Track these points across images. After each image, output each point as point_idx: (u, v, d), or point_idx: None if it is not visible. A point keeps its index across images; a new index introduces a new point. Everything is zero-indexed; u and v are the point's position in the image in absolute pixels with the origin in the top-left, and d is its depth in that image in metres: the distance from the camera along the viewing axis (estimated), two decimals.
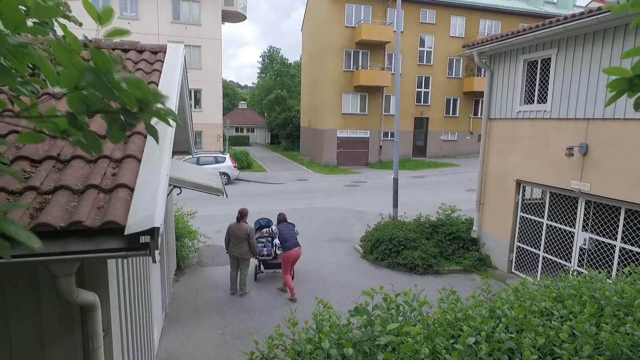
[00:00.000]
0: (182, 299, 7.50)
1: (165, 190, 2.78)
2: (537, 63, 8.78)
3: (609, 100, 1.74)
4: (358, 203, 16.10)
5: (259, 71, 60.67)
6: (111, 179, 2.79)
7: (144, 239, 2.46)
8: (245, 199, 17.08)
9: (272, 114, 44.63)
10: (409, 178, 22.21)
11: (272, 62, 56.44)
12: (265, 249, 8.36)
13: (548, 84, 8.42)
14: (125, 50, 5.03)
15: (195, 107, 27.40)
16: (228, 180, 20.88)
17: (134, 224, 2.41)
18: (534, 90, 8.89)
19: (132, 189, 2.71)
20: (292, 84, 50.39)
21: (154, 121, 1.40)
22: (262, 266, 8.50)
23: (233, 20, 30.47)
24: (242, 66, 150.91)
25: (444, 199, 16.04)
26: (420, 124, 30.39)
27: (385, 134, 28.91)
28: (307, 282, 8.48)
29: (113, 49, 4.99)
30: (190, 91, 26.95)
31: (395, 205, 11.38)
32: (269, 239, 8.43)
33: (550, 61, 8.38)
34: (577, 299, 3.86)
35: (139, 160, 3.02)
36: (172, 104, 3.86)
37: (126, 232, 2.37)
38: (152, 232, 2.42)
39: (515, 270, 9.52)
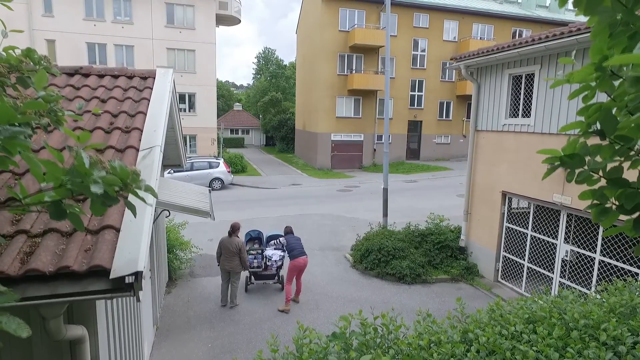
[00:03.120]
0: (173, 311, 7.64)
1: (149, 230, 2.94)
2: (521, 78, 8.99)
3: (545, 174, 1.94)
4: (350, 209, 16.28)
5: (254, 72, 60.71)
6: (98, 219, 2.94)
7: (129, 279, 2.62)
8: (239, 204, 17.22)
9: (267, 116, 44.75)
10: (402, 182, 22.43)
11: (267, 63, 56.48)
12: (255, 260, 8.53)
13: (532, 98, 8.63)
14: (115, 77, 5.17)
15: (189, 111, 27.48)
16: (222, 185, 21.01)
17: (118, 268, 2.57)
18: (519, 104, 9.10)
19: (118, 230, 2.87)
20: (287, 86, 50.49)
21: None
22: (252, 278, 8.66)
23: (227, 23, 30.55)
24: (239, 66, 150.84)
25: (435, 205, 16.28)
26: (414, 127, 30.64)
27: (379, 137, 29.11)
28: None
29: (102, 76, 5.14)
30: (185, 95, 27.10)
31: (385, 214, 11.56)
32: (259, 251, 8.60)
33: (533, 76, 8.59)
34: (547, 321, 4.06)
35: (126, 198, 3.17)
36: (159, 135, 4.01)
37: (111, 276, 2.52)
38: (136, 274, 2.58)
39: (502, 279, 9.74)
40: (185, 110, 27.40)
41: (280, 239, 8.53)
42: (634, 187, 1.79)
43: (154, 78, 5.23)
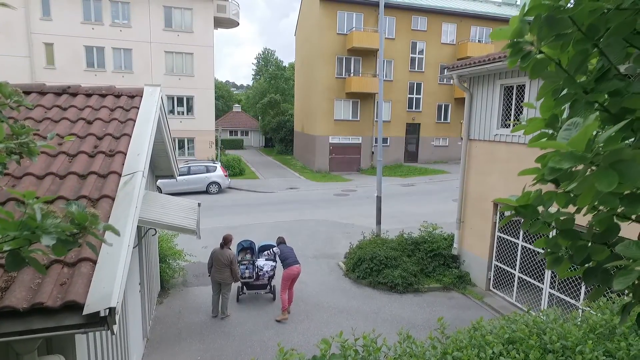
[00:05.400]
0: (164, 322, 7.69)
1: (126, 262, 2.98)
2: (512, 89, 9.02)
3: (502, 221, 1.99)
4: (346, 215, 16.32)
5: (253, 73, 60.79)
6: (76, 250, 2.99)
7: (103, 313, 2.67)
8: (235, 209, 17.28)
9: (266, 118, 44.80)
10: (399, 186, 22.46)
11: (266, 64, 56.53)
12: (247, 271, 8.58)
13: (523, 109, 8.67)
14: (103, 96, 5.22)
15: (187, 114, 27.55)
16: (219, 189, 21.08)
17: (92, 303, 2.62)
18: (510, 115, 9.14)
19: (94, 262, 2.91)
20: (286, 87, 50.51)
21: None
22: (244, 288, 8.72)
23: (225, 26, 30.58)
24: (239, 65, 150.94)
25: (431, 210, 16.32)
26: (412, 129, 30.67)
27: (377, 140, 29.15)
28: None
29: (90, 95, 5.18)
30: (182, 98, 27.16)
31: (378, 222, 11.60)
32: (251, 261, 8.65)
33: (524, 88, 8.62)
34: (525, 342, 4.11)
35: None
36: (143, 159, 4.05)
37: (85, 312, 2.57)
38: (110, 310, 2.62)
39: (493, 288, 9.78)
40: (183, 113, 27.47)
41: (273, 249, 8.55)
42: (585, 239, 1.83)
43: (142, 96, 5.28)
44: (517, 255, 9.06)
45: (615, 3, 1.42)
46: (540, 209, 1.97)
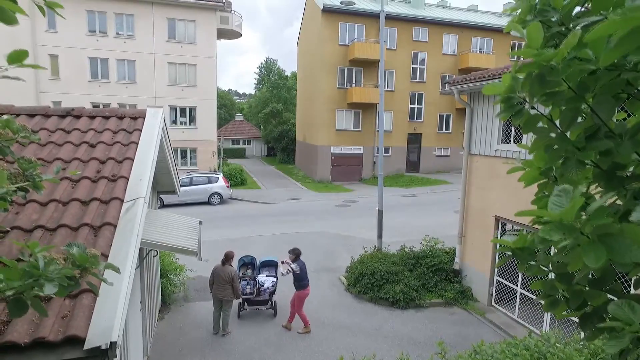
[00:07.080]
0: (165, 339, 7.68)
1: (127, 293, 3.01)
2: None
3: (498, 264, 2.01)
4: (347, 227, 16.31)
5: (256, 82, 61.25)
6: None
7: (105, 347, 2.69)
8: (237, 221, 17.29)
9: (268, 127, 45.01)
10: (400, 197, 22.45)
11: (269, 73, 56.93)
12: (248, 286, 8.58)
13: None
14: (106, 117, 5.28)
15: (190, 124, 27.72)
16: (221, 200, 21.13)
17: (93, 337, 2.64)
18: (511, 131, 9.17)
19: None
20: (288, 97, 50.78)
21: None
22: (245, 303, 8.70)
23: (228, 37, 30.89)
24: (243, 73, 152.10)
25: (432, 222, 16.29)
26: (414, 139, 30.75)
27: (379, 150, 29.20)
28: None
29: (93, 117, 5.25)
30: (185, 109, 27.35)
31: (380, 236, 11.60)
32: (253, 277, 8.65)
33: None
34: None
35: (107, 257, 3.26)
36: (145, 184, 4.09)
37: (86, 347, 2.59)
38: (110, 344, 2.64)
39: (495, 303, 9.73)
40: (185, 123, 27.65)
41: (292, 265, 8.07)
42: (581, 283, 1.84)
43: (144, 118, 5.35)
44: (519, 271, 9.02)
45: (603, 64, 1.45)
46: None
